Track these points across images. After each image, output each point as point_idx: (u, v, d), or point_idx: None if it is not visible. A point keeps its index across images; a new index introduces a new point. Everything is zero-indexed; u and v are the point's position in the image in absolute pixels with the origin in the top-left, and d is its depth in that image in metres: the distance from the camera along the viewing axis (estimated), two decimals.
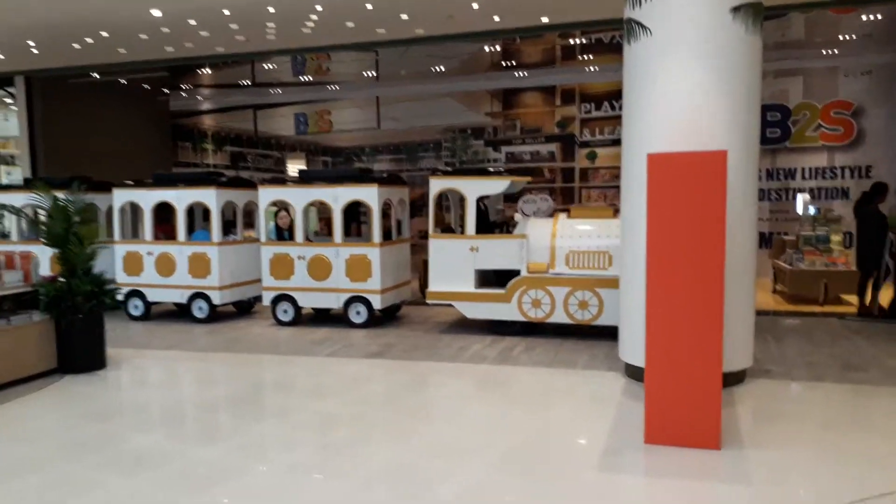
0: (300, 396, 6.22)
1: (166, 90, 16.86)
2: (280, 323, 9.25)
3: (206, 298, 9.45)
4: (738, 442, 4.67)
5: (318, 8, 9.38)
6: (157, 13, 9.45)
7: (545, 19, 10.35)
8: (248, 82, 16.24)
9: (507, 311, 8.09)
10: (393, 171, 15.31)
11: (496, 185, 8.23)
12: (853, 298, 9.55)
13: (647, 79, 5.82)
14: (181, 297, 9.57)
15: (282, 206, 9.41)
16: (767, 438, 4.77)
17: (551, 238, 7.99)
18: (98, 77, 14.77)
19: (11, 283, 6.99)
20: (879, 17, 11.62)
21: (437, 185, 8.51)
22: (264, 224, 9.32)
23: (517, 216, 8.66)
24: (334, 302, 8.95)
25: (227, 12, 9.53)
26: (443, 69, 14.70)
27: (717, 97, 5.60)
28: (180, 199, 9.42)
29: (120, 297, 9.35)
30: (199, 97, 16.80)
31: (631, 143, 6.05)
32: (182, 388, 6.76)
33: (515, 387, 6.31)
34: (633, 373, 6.21)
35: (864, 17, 11.67)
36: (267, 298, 9.26)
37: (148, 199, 9.59)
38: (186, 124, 16.84)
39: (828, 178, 12.03)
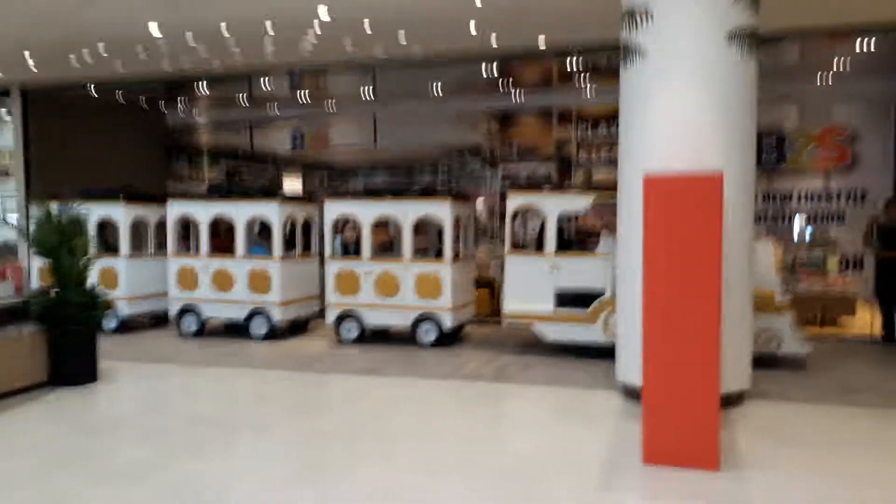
0: (284, 412, 6.14)
1: (162, 105, 16.86)
2: (343, 342, 8.95)
3: (266, 315, 9.19)
4: (736, 463, 4.63)
5: (316, 23, 9.39)
6: (154, 27, 9.46)
7: (542, 40, 10.42)
8: (244, 98, 16.26)
9: (591, 334, 7.67)
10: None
11: (579, 202, 7.89)
12: (849, 320, 9.55)
13: (644, 102, 5.86)
14: (239, 313, 9.30)
15: (346, 221, 9.13)
16: (766, 460, 4.73)
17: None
18: (94, 93, 14.77)
19: (2, 295, 6.92)
20: (874, 41, 11.75)
21: (515, 202, 8.21)
22: (330, 239, 9.04)
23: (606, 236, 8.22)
24: (402, 319, 8.68)
25: (224, 27, 9.54)
26: (440, 88, 14.76)
27: (713, 121, 5.64)
28: (240, 212, 9.19)
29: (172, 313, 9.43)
30: (195, 113, 16.80)
31: (627, 165, 6.06)
32: (175, 402, 6.66)
33: (511, 405, 6.26)
34: (630, 392, 6.17)
35: (858, 42, 11.80)
36: (331, 316, 8.98)
37: (205, 212, 9.36)
38: (182, 140, 16.83)
39: (824, 202, 12.08)
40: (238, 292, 9.22)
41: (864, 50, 11.20)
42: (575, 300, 7.85)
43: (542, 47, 10.50)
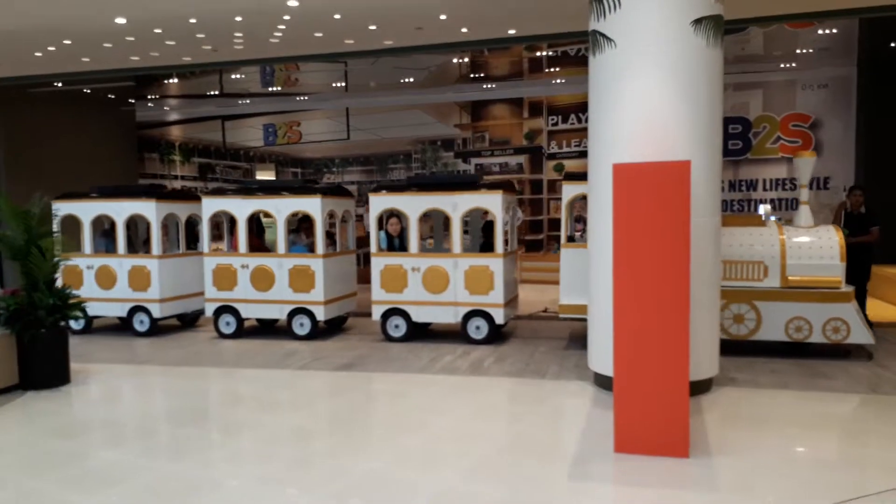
0: (257, 409, 6.14)
1: (132, 100, 16.62)
2: (390, 339, 8.73)
3: (309, 314, 8.90)
4: (706, 449, 4.73)
5: (287, 18, 9.34)
6: (121, 21, 9.32)
7: (512, 31, 10.45)
8: (216, 92, 16.09)
9: None
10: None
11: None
12: None
13: (612, 90, 5.91)
14: (280, 312, 9.02)
15: (390, 214, 8.88)
16: (735, 446, 4.84)
17: None
18: (61, 86, 14.50)
19: None
20: (835, 31, 11.98)
21: (570, 191, 8.05)
22: (374, 232, 8.76)
23: None
24: (451, 316, 8.44)
25: (193, 21, 9.44)
26: (412, 80, 14.74)
27: (680, 108, 5.70)
28: (281, 208, 8.90)
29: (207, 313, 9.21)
30: (165, 107, 16.58)
31: (597, 154, 6.13)
32: (150, 402, 6.62)
33: (486, 397, 6.31)
34: (602, 382, 6.26)
35: (820, 32, 12.02)
36: (377, 313, 8.72)
37: (243, 208, 9.06)
38: (153, 135, 16.61)
39: (787, 189, 12.32)
40: (278, 291, 8.92)
41: (826, 37, 11.41)
42: None
43: (512, 33, 10.50)
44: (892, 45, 11.47)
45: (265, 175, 16.06)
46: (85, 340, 9.25)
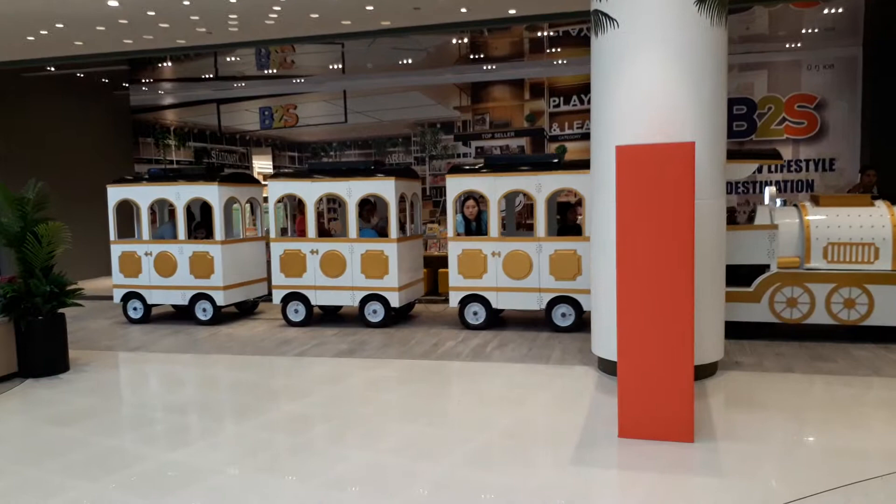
0: (262, 397, 6.09)
1: (126, 84, 16.44)
2: (469, 327, 8.45)
3: (383, 300, 8.66)
4: (710, 434, 4.69)
5: None
6: (114, 3, 9.16)
7: (512, 11, 10.30)
8: (211, 76, 15.91)
9: (755, 312, 7.25)
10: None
11: (741, 170, 7.13)
12: None
13: (615, 71, 5.79)
14: (352, 299, 8.76)
15: (469, 196, 8.58)
16: (740, 430, 4.79)
17: (804, 229, 7.16)
18: (54, 70, 14.33)
19: None
20: (841, 10, 11.82)
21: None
22: (451, 216, 8.43)
23: (762, 206, 7.64)
24: (535, 303, 8.17)
25: (187, 3, 9.28)
26: (410, 62, 14.57)
27: (684, 89, 5.59)
28: (352, 191, 8.58)
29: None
30: (160, 91, 16.41)
31: (599, 136, 6.02)
32: (149, 390, 6.57)
33: (489, 383, 6.26)
34: (606, 367, 6.21)
35: (826, 12, 11.85)
36: (454, 300, 8.42)
37: (313, 191, 8.73)
38: (147, 119, 16.44)
39: (793, 170, 12.20)
40: (349, 277, 8.64)
41: (832, 17, 11.25)
42: (734, 277, 7.28)
43: (512, 13, 10.34)
44: None
45: (262, 160, 15.93)
46: (146, 329, 9.05)
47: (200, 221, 9.81)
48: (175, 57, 15.66)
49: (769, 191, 11.19)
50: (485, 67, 14.20)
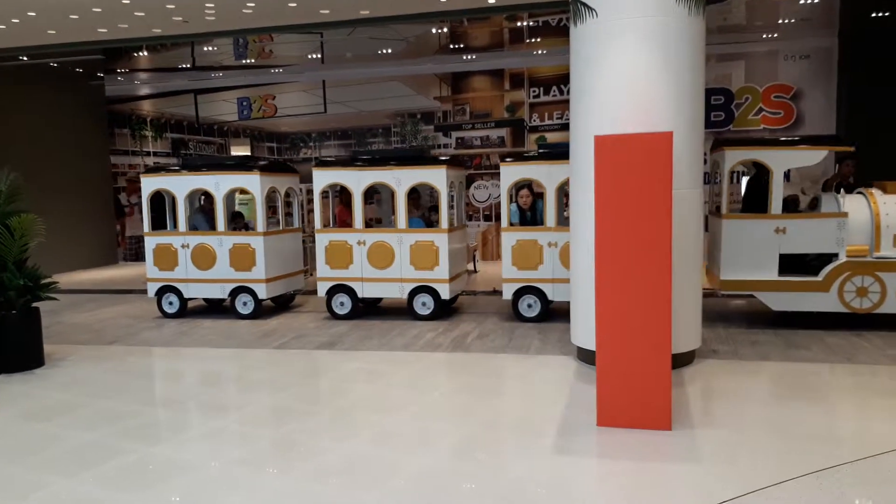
0: (242, 390, 6.05)
1: (101, 74, 16.18)
2: (521, 319, 8.19)
3: (433, 292, 8.34)
4: (688, 422, 4.73)
5: None
6: None
7: (492, 0, 10.27)
8: (188, 66, 15.71)
9: (824, 302, 7.12)
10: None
11: (810, 156, 7.08)
12: None
13: (594, 61, 5.80)
14: (400, 291, 8.44)
15: (521, 186, 8.25)
16: (717, 417, 4.85)
17: (874, 216, 7.00)
18: (26, 60, 14.06)
19: None
20: (817, 1, 11.93)
21: (734, 157, 7.39)
22: (505, 205, 8.21)
23: (826, 194, 7.52)
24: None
25: None
26: (390, 52, 14.49)
27: (662, 79, 5.61)
28: (402, 180, 8.26)
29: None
30: (136, 81, 16.17)
31: (578, 126, 6.03)
32: (126, 384, 6.49)
33: (469, 374, 6.27)
34: (585, 356, 6.24)
35: (802, 2, 11.96)
36: (508, 292, 8.16)
37: (360, 179, 8.41)
38: (123, 110, 16.21)
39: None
40: (398, 268, 8.37)
41: (807, 7, 11.34)
42: (803, 265, 7.30)
43: (492, 2, 10.30)
44: (874, 15, 11.43)
45: (241, 150, 15.78)
46: (183, 324, 8.74)
47: (238, 212, 9.53)
48: (151, 46, 15.44)
49: (746, 181, 11.28)
50: (465, 57, 14.16)
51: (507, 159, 8.26)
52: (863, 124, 10.76)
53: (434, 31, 14.21)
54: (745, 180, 8.47)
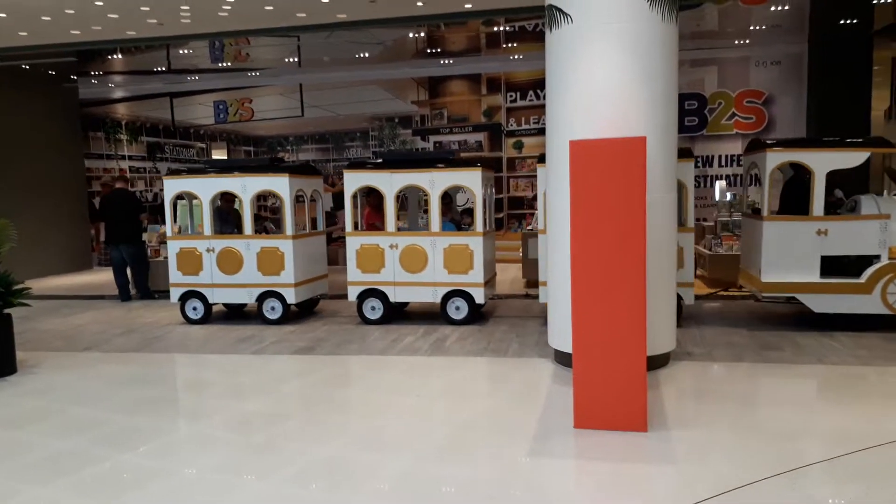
0: (219, 395, 6.01)
1: (74, 77, 15.97)
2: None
3: (467, 297, 8.21)
4: (663, 423, 4.79)
5: None
6: None
7: (469, 6, 10.32)
8: (163, 69, 15.57)
9: (866, 304, 7.13)
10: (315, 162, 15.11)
11: (853, 158, 7.03)
12: None
13: (569, 66, 5.86)
14: (433, 295, 8.30)
15: None
16: (692, 418, 4.92)
17: None
18: None
19: None
20: (787, 8, 12.15)
21: (776, 159, 7.36)
22: (541, 207, 7.94)
23: (866, 196, 7.46)
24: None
25: None
26: (367, 56, 14.49)
27: (636, 84, 5.68)
28: (436, 182, 8.10)
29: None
30: (110, 84, 15.99)
31: (554, 131, 6.09)
32: (101, 390, 6.41)
33: (448, 377, 6.29)
34: (562, 359, 6.29)
35: (773, 9, 12.17)
36: (544, 296, 7.99)
37: (393, 182, 8.27)
38: (97, 113, 16.00)
39: (742, 165, 12.53)
40: (430, 272, 8.23)
41: (778, 14, 11.53)
42: (845, 267, 7.31)
43: (468, 7, 10.34)
44: (842, 22, 11.67)
45: (217, 155, 15.67)
46: (209, 331, 8.51)
47: (263, 215, 9.39)
48: (126, 49, 15.28)
49: (719, 185, 11.48)
50: (442, 62, 14.20)
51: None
52: (832, 130, 10.97)
53: (411, 35, 14.23)
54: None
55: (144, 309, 10.15)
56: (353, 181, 8.45)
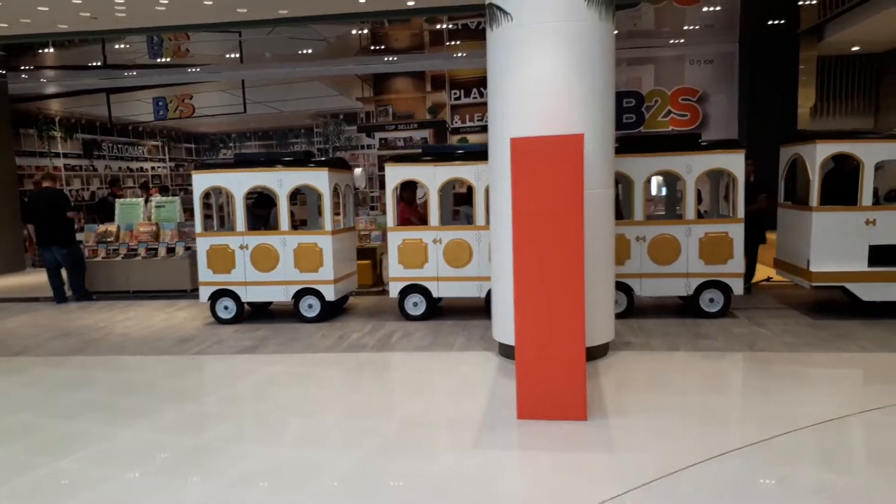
0: (160, 398, 5.91)
1: (3, 71, 15.35)
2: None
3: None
4: (602, 412, 4.94)
5: None
6: None
7: (411, 3, 10.34)
8: (98, 64, 15.10)
9: None
10: None
11: None
12: None
13: (509, 64, 5.95)
14: (479, 290, 8.07)
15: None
16: (630, 407, 5.07)
17: None
18: None
19: None
20: (719, 8, 12.58)
21: (825, 150, 7.43)
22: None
23: None
24: (682, 289, 7.83)
25: None
26: (311, 52, 14.37)
27: (574, 82, 5.81)
28: (481, 175, 7.85)
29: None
30: (42, 79, 15.43)
31: (495, 128, 6.18)
32: (35, 397, 6.22)
33: (393, 373, 6.33)
34: (506, 352, 6.40)
35: (705, 9, 12.58)
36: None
37: (437, 176, 8.03)
38: (29, 109, 15.42)
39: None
40: (475, 267, 8.04)
41: (711, 14, 11.91)
42: (886, 256, 7.46)
43: (411, 4, 10.36)
44: (770, 22, 12.15)
45: (157, 151, 15.29)
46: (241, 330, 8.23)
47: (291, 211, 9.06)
48: (59, 43, 14.76)
49: (656, 180, 11.79)
50: (386, 59, 14.20)
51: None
52: (762, 125, 11.43)
53: (354, 32, 14.18)
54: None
55: (81, 311, 9.87)
56: (395, 175, 8.29)
